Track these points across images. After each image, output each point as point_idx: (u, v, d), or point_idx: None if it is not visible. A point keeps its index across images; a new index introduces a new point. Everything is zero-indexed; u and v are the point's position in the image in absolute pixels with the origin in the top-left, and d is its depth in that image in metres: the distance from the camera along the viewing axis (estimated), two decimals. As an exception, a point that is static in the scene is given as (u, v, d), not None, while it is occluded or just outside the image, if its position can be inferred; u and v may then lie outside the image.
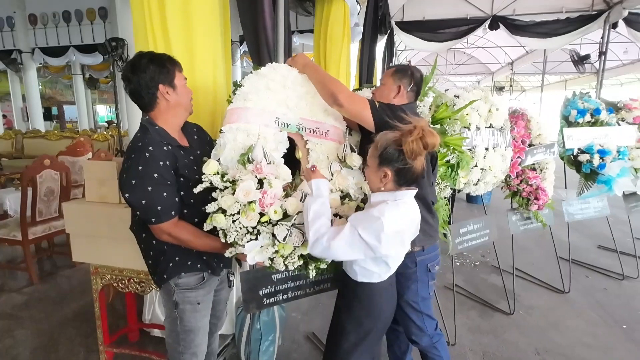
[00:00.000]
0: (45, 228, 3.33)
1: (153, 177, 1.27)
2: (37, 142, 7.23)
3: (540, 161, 2.97)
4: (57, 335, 2.50)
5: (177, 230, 1.34)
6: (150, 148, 1.28)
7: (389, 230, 1.18)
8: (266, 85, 1.55)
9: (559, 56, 11.08)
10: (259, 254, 1.31)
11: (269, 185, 1.32)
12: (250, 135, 1.46)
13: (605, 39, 6.44)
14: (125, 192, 1.27)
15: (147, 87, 1.34)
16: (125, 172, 1.28)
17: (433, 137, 1.20)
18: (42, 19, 9.25)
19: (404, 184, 1.27)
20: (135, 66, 1.33)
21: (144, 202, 1.26)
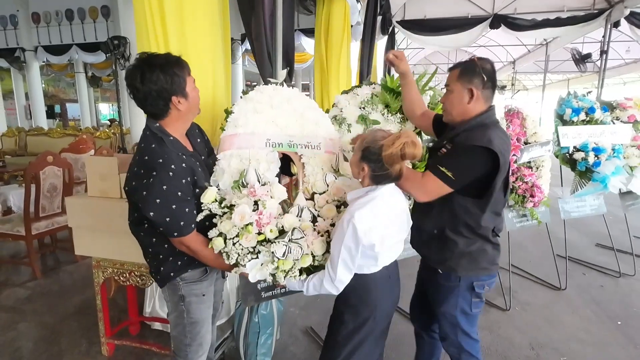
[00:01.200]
0: (48, 224, 3.39)
1: (177, 195, 1.28)
2: (40, 140, 7.31)
3: (536, 159, 3.00)
4: (60, 328, 2.55)
5: (195, 243, 1.37)
6: (173, 166, 1.27)
7: (362, 228, 1.25)
8: (254, 109, 1.60)
9: (561, 55, 11.07)
10: (260, 272, 1.39)
11: (264, 207, 1.40)
12: (243, 159, 1.52)
13: (606, 37, 6.44)
14: (149, 210, 1.25)
15: (159, 98, 1.30)
16: (147, 190, 1.25)
17: (414, 148, 1.25)
18: (45, 17, 9.31)
19: (379, 182, 1.34)
20: (145, 76, 1.27)
21: (168, 220, 1.28)
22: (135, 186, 1.29)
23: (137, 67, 1.29)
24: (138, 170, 1.29)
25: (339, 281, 1.33)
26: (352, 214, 1.27)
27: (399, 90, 2.02)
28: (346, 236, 1.27)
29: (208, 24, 2.10)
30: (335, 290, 1.36)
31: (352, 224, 1.26)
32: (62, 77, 15.59)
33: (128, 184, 1.33)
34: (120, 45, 5.79)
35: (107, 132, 7.67)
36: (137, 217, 1.41)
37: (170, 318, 1.57)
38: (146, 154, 1.29)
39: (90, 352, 2.29)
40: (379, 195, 1.33)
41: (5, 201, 3.95)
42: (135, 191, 1.29)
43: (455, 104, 1.48)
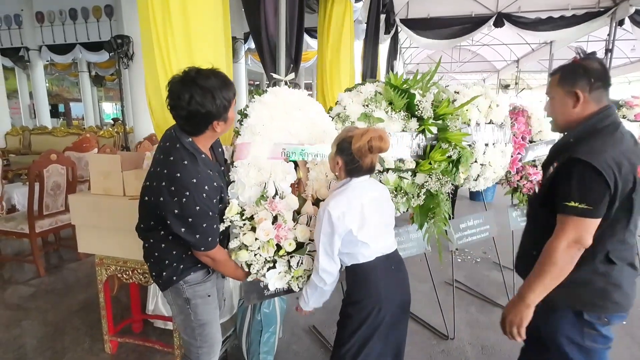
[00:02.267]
0: (51, 222, 3.40)
1: (208, 214, 1.32)
2: (44, 139, 7.34)
3: (541, 157, 2.98)
4: (63, 325, 2.56)
5: (219, 255, 1.42)
6: (206, 187, 1.29)
7: (336, 213, 1.36)
8: (270, 116, 1.62)
9: (566, 54, 10.98)
10: (279, 281, 1.55)
11: (284, 221, 1.51)
12: (261, 170, 1.56)
13: (611, 36, 6.40)
14: (181, 227, 1.29)
15: (201, 121, 1.29)
16: (181, 209, 1.26)
17: (380, 142, 1.35)
18: (49, 16, 9.36)
19: (353, 174, 1.43)
20: (194, 99, 1.23)
21: (198, 237, 1.31)
22: (165, 202, 1.28)
23: (186, 85, 1.24)
24: (168, 185, 1.27)
25: (322, 270, 1.42)
26: (328, 202, 1.39)
27: (403, 87, 2.01)
28: (323, 223, 1.37)
29: (211, 22, 2.10)
30: (322, 282, 1.44)
31: (327, 211, 1.36)
32: (65, 76, 15.68)
33: (154, 196, 1.31)
34: (124, 44, 5.80)
35: (110, 131, 7.69)
36: (153, 225, 1.41)
37: (177, 321, 1.56)
38: (178, 171, 1.27)
39: (93, 349, 2.29)
40: (352, 186, 1.43)
41: (10, 199, 3.96)
42: (164, 207, 1.28)
43: (559, 111, 1.34)
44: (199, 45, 2.04)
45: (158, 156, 1.34)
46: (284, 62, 2.00)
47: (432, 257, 2.53)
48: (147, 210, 1.40)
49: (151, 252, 1.47)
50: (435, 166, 2.02)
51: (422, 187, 2.05)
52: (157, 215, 1.34)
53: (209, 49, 2.11)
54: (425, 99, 2.09)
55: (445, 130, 2.08)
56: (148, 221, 1.41)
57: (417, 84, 2.08)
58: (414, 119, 2.01)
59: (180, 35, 1.99)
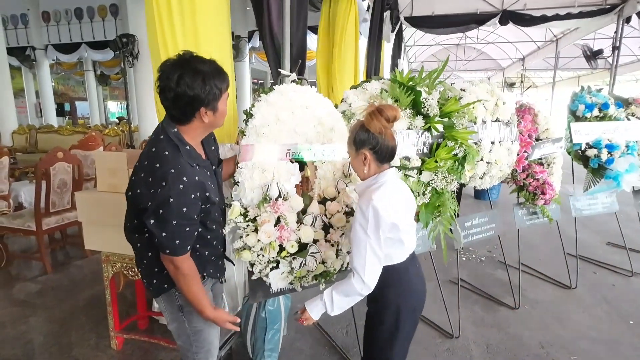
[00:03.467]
0: (58, 219, 3.43)
1: (181, 211, 1.18)
2: (50, 137, 7.39)
3: (547, 156, 2.96)
4: (70, 321, 2.58)
5: (185, 266, 1.26)
6: (185, 179, 1.17)
7: (384, 206, 1.26)
8: (276, 116, 1.61)
9: (572, 51, 10.92)
10: (282, 281, 1.55)
11: (286, 223, 1.49)
12: (265, 172, 1.55)
13: (618, 33, 6.33)
14: (150, 219, 1.17)
15: (188, 105, 1.20)
16: (153, 200, 1.16)
17: (392, 110, 1.31)
18: (55, 15, 9.42)
19: (384, 160, 1.36)
20: (182, 79, 1.17)
21: (164, 235, 1.18)
22: (141, 194, 1.20)
23: (177, 66, 1.18)
24: (147, 177, 1.19)
25: (370, 274, 1.29)
26: (370, 197, 1.27)
27: (409, 84, 2.00)
28: (369, 222, 1.26)
29: (217, 22, 2.10)
30: (367, 289, 1.30)
31: (372, 206, 1.25)
32: (71, 75, 15.80)
33: (132, 189, 1.25)
34: (129, 43, 5.82)
35: (115, 129, 7.73)
36: (136, 224, 1.30)
37: (171, 328, 1.48)
38: (158, 161, 1.19)
39: (99, 345, 2.31)
40: (389, 179, 1.35)
41: (17, 197, 4.01)
42: (141, 199, 1.20)
43: None
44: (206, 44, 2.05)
45: (144, 149, 1.28)
46: (288, 59, 2.00)
47: (437, 255, 2.52)
48: (130, 206, 1.32)
49: (140, 258, 1.38)
50: (441, 164, 2.01)
51: (428, 185, 2.04)
52: (137, 211, 1.25)
53: (215, 48, 2.11)
54: (431, 97, 2.08)
55: (451, 128, 2.07)
56: (132, 219, 1.32)
57: (423, 81, 2.07)
58: (419, 117, 2.00)
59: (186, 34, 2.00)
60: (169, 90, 1.18)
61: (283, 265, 1.52)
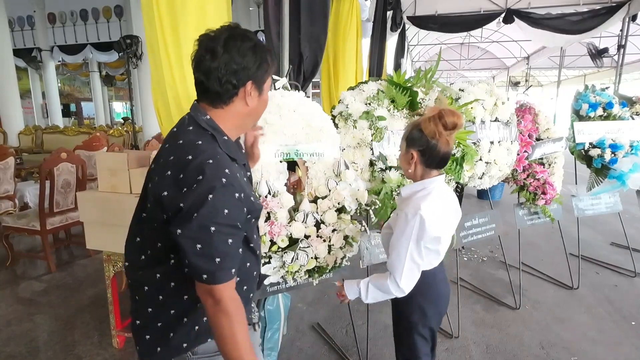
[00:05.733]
0: (62, 219, 3.47)
1: (222, 214, 0.87)
2: (55, 138, 7.48)
3: (548, 155, 2.95)
4: (73, 319, 2.61)
5: (228, 300, 0.88)
6: (227, 171, 0.90)
7: (430, 218, 1.23)
8: (264, 120, 1.65)
9: (577, 50, 10.82)
10: (273, 275, 1.59)
11: (275, 218, 1.53)
12: (255, 170, 1.59)
13: (624, 31, 6.27)
14: (179, 225, 0.86)
15: (233, 76, 0.94)
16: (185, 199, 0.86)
17: (453, 117, 1.23)
18: (61, 17, 9.52)
19: (432, 165, 1.31)
20: (231, 43, 0.93)
21: (199, 248, 0.85)
22: (169, 196, 0.89)
23: (222, 31, 0.95)
24: (175, 174, 0.89)
25: (406, 279, 1.27)
26: (418, 205, 1.24)
27: (405, 85, 2.01)
28: (413, 230, 1.24)
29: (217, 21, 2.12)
30: (401, 293, 1.29)
31: (419, 216, 1.22)
32: (77, 76, 15.95)
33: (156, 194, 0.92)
34: (133, 44, 5.88)
35: (120, 130, 7.80)
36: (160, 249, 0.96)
37: None
38: (189, 153, 0.90)
39: (102, 343, 2.34)
40: (437, 186, 1.31)
41: (22, 197, 4.07)
42: (169, 203, 0.89)
43: None
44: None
45: (163, 145, 1.00)
46: (287, 61, 2.02)
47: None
48: (143, 228, 0.99)
49: (152, 297, 0.99)
50: (438, 164, 2.01)
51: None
52: (164, 230, 0.91)
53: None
54: (428, 97, 2.08)
55: (449, 128, 2.07)
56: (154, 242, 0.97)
57: (420, 81, 2.07)
58: (417, 117, 2.00)
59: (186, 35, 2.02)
60: (213, 55, 0.92)
61: (275, 260, 1.56)
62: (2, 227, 3.49)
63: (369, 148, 1.94)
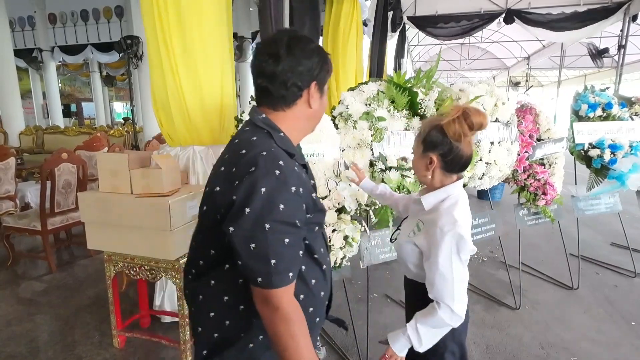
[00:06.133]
0: (63, 219, 3.48)
1: (277, 209, 0.82)
2: (56, 138, 7.49)
3: (549, 156, 2.95)
4: (74, 320, 2.62)
5: (287, 305, 0.83)
6: (282, 163, 0.85)
7: (468, 228, 1.16)
8: None
9: (577, 50, 10.83)
10: None
11: None
12: None
13: (625, 31, 6.28)
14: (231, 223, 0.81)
15: (299, 78, 0.92)
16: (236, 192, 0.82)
17: (479, 116, 1.12)
18: (61, 17, 9.53)
19: (454, 170, 1.20)
20: (293, 46, 0.91)
21: (253, 248, 0.80)
22: (221, 191, 0.86)
23: (282, 33, 0.95)
24: (229, 169, 0.87)
25: (459, 305, 1.13)
26: (452, 217, 1.13)
27: (405, 85, 2.01)
28: (453, 245, 1.12)
29: (216, 23, 2.13)
30: (458, 320, 1.14)
31: (457, 235, 1.11)
32: (77, 76, 15.97)
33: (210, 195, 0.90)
34: (133, 45, 5.90)
35: (120, 130, 7.81)
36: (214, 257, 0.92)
37: None
38: (243, 148, 0.88)
39: (102, 343, 2.35)
40: (461, 192, 1.22)
41: (23, 197, 4.08)
42: (220, 199, 0.86)
43: None
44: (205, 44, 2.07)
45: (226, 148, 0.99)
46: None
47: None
48: (203, 233, 0.95)
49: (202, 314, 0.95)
50: (438, 165, 2.02)
51: (426, 186, 2.05)
52: (217, 232, 0.86)
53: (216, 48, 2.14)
54: (428, 97, 2.09)
55: (449, 129, 2.08)
56: (205, 252, 0.93)
57: (420, 82, 2.08)
58: (416, 118, 2.01)
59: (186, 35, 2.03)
60: (277, 60, 0.90)
61: None
62: (3, 227, 3.50)
63: (369, 148, 1.95)
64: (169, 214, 1.79)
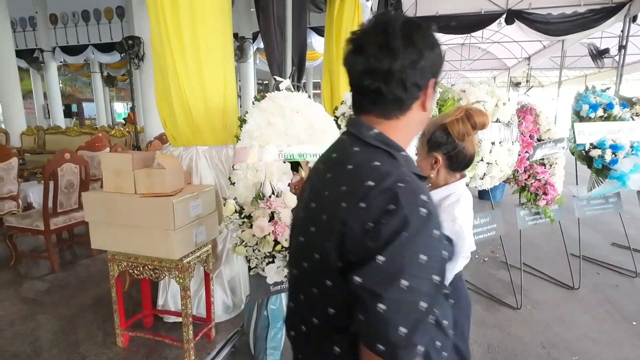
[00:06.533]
0: (65, 219, 3.49)
1: (417, 261, 0.63)
2: (57, 138, 7.50)
3: (549, 156, 2.96)
4: (77, 319, 2.63)
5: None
6: (425, 198, 0.67)
7: (466, 224, 1.21)
8: (267, 121, 1.70)
9: (578, 50, 10.83)
10: (277, 274, 1.63)
11: (279, 218, 1.57)
12: (258, 171, 1.65)
13: (625, 32, 6.28)
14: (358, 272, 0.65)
15: (421, 75, 0.73)
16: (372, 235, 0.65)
17: (481, 116, 1.18)
18: (62, 18, 9.55)
19: (458, 168, 1.26)
20: (412, 34, 0.71)
21: (380, 307, 0.63)
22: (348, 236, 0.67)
23: (395, 18, 0.72)
24: (354, 201, 0.68)
25: None
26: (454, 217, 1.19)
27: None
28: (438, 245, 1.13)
29: (219, 23, 2.15)
30: None
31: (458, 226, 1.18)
32: (78, 76, 15.98)
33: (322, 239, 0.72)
34: (135, 45, 5.91)
35: (122, 130, 7.83)
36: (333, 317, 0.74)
37: None
38: (367, 178, 0.69)
39: (105, 342, 2.36)
40: (465, 190, 1.26)
41: (26, 197, 4.09)
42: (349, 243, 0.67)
43: None
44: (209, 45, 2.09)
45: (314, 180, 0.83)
46: (290, 63, 2.04)
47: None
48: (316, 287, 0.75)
49: None
50: (440, 165, 2.03)
51: (428, 186, 2.06)
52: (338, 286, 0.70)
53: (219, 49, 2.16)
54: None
55: (450, 129, 2.09)
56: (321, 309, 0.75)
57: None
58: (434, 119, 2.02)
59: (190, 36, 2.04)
60: (391, 54, 0.69)
61: (278, 260, 1.60)
62: (5, 227, 3.51)
63: (371, 149, 1.96)
64: (172, 214, 1.80)
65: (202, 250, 2.11)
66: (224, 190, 2.29)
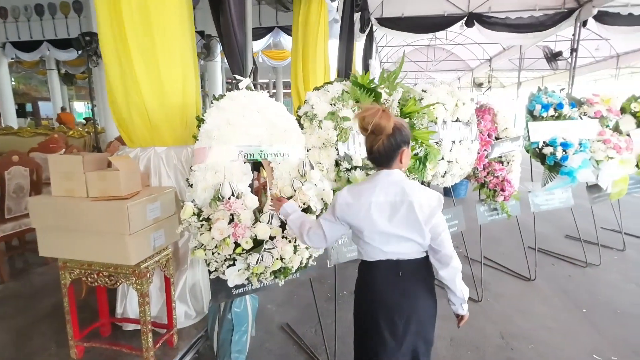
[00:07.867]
0: (15, 225, 3.27)
1: None
2: (9, 140, 7.03)
3: (507, 154, 3.08)
4: (29, 331, 2.47)
5: None
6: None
7: (341, 201, 1.35)
8: (227, 120, 1.65)
9: (535, 53, 11.38)
10: (238, 277, 1.59)
11: (239, 220, 1.54)
12: (217, 172, 1.59)
13: (576, 36, 6.67)
14: None
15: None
16: None
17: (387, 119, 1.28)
18: (13, 12, 8.95)
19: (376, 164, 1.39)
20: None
21: None
22: None
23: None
24: None
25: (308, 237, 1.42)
26: (342, 190, 1.38)
27: (369, 86, 2.04)
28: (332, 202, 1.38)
29: (176, 19, 2.08)
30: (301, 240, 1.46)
31: (337, 195, 1.37)
32: (33, 74, 15.03)
33: None
34: (93, 42, 5.63)
35: (80, 131, 7.45)
36: None
37: None
38: None
39: (59, 354, 2.23)
40: (373, 181, 1.36)
41: (-30, 203, 3.80)
42: None
43: None
44: (165, 41, 2.02)
45: None
46: (251, 62, 2.00)
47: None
48: None
49: None
50: (402, 163, 2.06)
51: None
52: None
53: (176, 45, 2.09)
54: (392, 98, 2.13)
55: (412, 129, 2.12)
56: None
57: (384, 82, 2.11)
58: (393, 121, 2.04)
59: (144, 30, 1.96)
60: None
61: (239, 262, 1.57)
62: (-53, 235, 3.25)
63: (334, 148, 1.96)
64: (127, 218, 1.72)
65: (161, 254, 2.03)
66: (185, 192, 2.22)
